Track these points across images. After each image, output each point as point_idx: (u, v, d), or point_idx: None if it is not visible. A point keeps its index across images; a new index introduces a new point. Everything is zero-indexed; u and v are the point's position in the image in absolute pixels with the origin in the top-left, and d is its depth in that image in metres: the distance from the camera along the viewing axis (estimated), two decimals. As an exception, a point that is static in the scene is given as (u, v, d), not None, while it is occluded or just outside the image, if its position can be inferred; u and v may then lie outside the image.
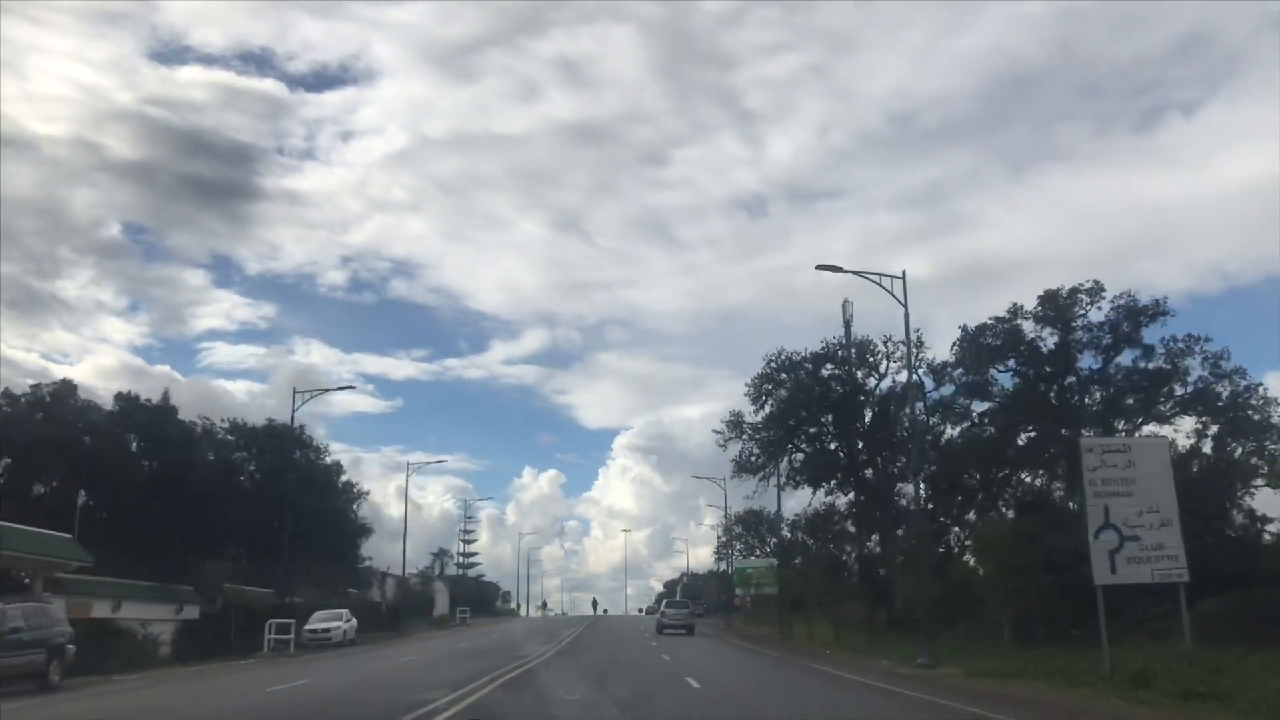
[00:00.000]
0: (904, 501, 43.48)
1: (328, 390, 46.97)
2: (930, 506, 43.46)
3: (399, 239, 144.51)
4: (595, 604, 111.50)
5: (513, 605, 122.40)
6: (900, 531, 42.68)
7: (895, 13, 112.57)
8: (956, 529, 40.53)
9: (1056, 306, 32.29)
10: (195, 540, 44.45)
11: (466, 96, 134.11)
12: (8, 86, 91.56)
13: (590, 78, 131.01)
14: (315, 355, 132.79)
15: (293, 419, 40.98)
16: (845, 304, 40.13)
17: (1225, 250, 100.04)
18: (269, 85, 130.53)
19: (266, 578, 50.59)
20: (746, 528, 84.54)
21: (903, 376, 42.04)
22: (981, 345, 34.49)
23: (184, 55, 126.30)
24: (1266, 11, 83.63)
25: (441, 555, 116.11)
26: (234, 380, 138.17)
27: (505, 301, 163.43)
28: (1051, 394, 33.03)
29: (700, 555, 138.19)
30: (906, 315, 26.45)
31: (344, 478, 59.22)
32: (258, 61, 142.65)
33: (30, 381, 48.26)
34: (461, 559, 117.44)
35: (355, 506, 59.43)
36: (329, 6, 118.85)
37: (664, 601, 67.63)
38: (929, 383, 42.25)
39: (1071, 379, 32.77)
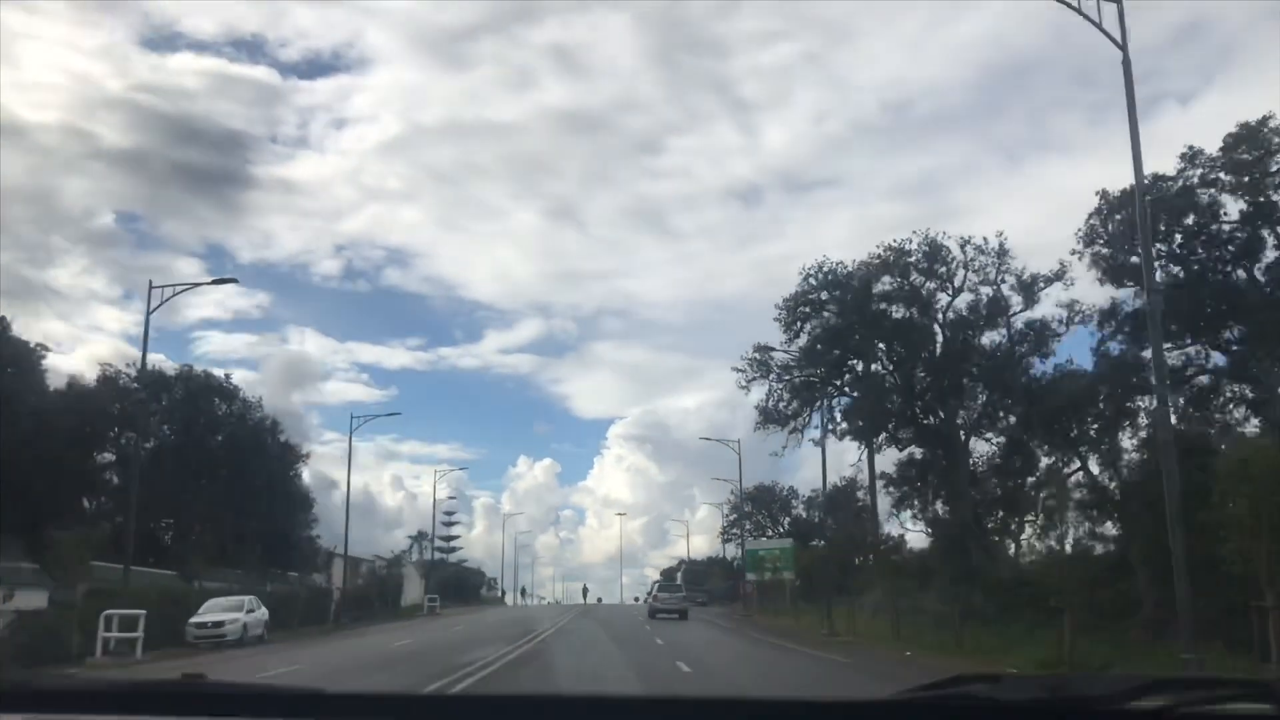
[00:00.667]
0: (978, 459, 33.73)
1: (197, 285, 38.22)
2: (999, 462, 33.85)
3: (393, 228, 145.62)
4: (585, 591, 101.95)
5: (499, 593, 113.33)
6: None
7: (890, 1, 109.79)
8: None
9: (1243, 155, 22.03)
10: (55, 508, 34.26)
11: (460, 84, 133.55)
12: None
13: (585, 65, 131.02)
14: (309, 344, 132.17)
15: (147, 325, 29.55)
16: None
17: None
18: (261, 72, 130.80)
19: (175, 558, 40.73)
20: (758, 505, 74.61)
21: (985, 292, 32.56)
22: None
23: (176, 42, 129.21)
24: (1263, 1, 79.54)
25: (420, 539, 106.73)
26: (228, 369, 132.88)
27: (500, 291, 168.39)
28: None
29: (696, 545, 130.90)
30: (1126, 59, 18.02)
31: (282, 437, 48.89)
32: (250, 48, 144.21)
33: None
34: (443, 543, 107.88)
35: (295, 471, 49.13)
36: None
37: (656, 585, 64.53)
38: (1016, 300, 32.44)
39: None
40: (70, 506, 36.78)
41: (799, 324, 33.89)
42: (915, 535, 42.24)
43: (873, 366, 33.75)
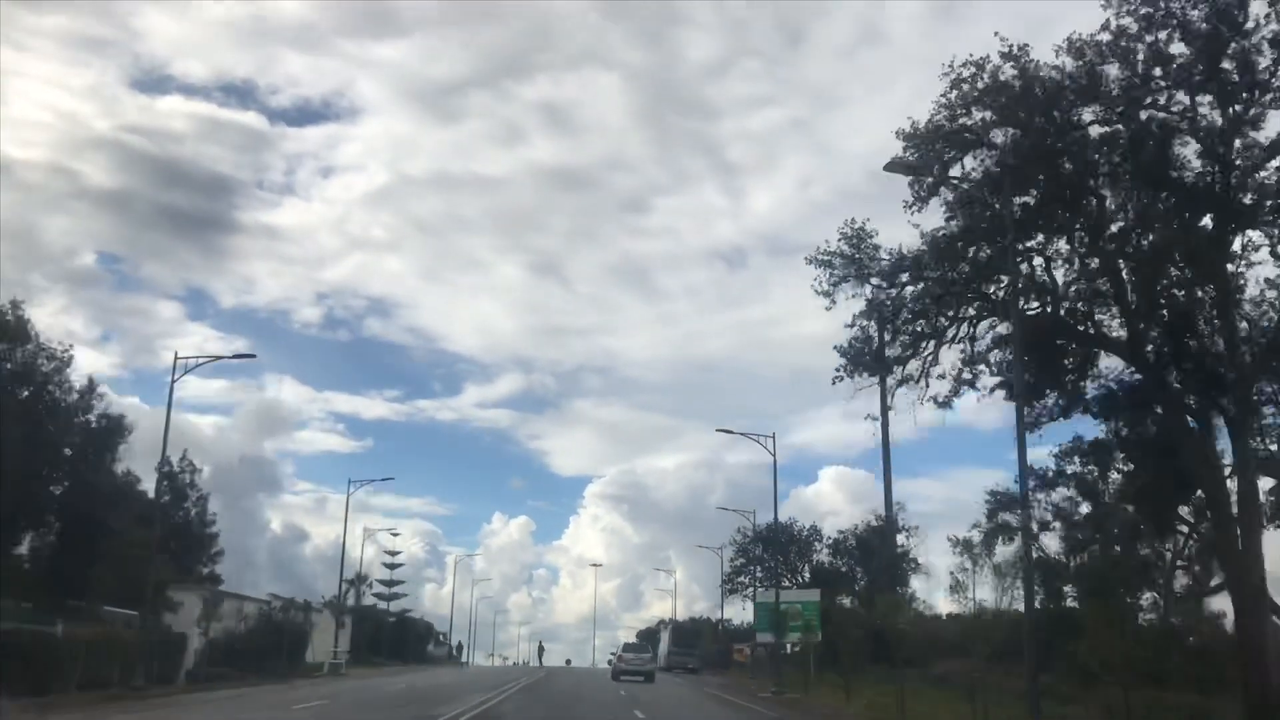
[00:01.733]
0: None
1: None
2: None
3: (376, 277, 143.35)
4: (541, 651, 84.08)
5: (449, 650, 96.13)
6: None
7: (878, 70, 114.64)
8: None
9: None
10: None
11: (449, 137, 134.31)
12: None
13: (573, 123, 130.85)
14: (287, 391, 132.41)
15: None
16: None
17: None
18: (250, 118, 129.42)
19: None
20: (770, 548, 58.89)
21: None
22: None
23: (165, 85, 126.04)
24: None
25: (358, 583, 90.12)
26: (205, 415, 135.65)
27: (481, 344, 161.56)
28: None
29: (668, 609, 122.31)
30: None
31: (99, 407, 32.86)
32: (240, 94, 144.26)
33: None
34: (383, 588, 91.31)
35: (113, 456, 33.12)
36: (313, 41, 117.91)
37: (622, 646, 57.73)
38: None
39: None
40: None
41: (933, 188, 18.86)
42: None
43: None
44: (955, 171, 19.11)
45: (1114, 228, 18.92)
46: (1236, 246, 18.98)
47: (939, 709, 24.87)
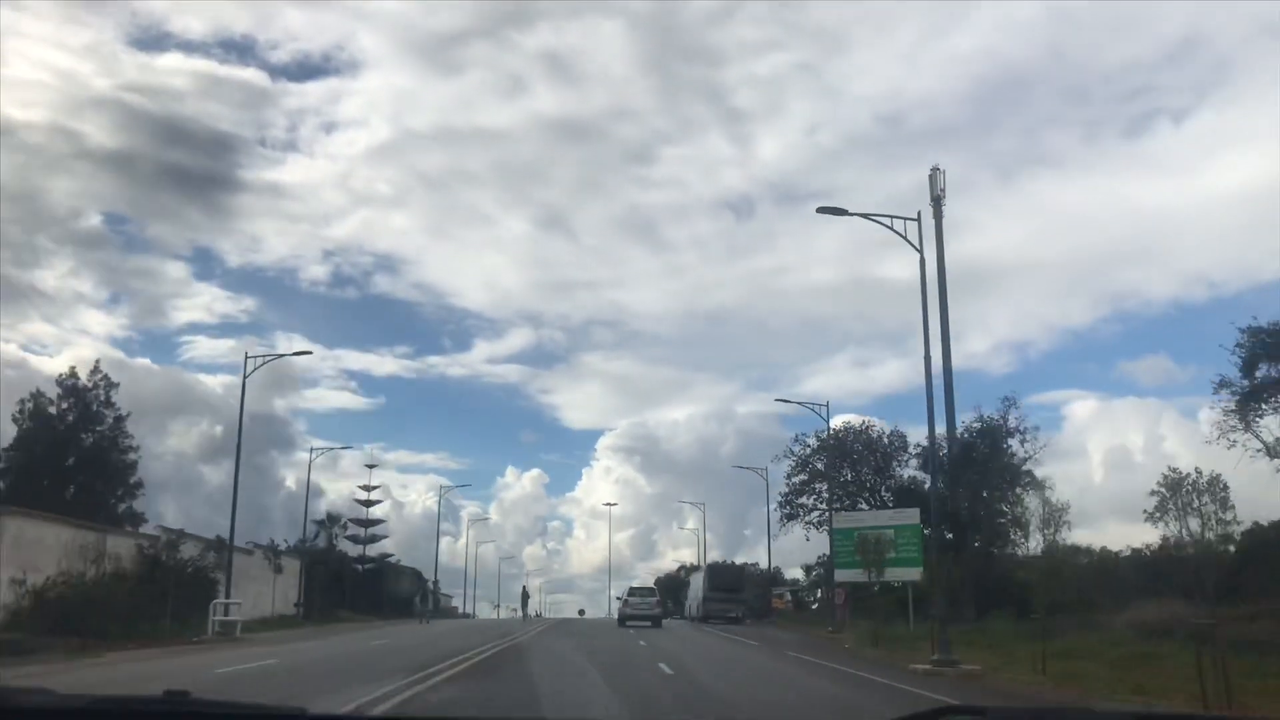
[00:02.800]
0: None
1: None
2: None
3: (382, 234, 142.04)
4: (525, 598, 67.24)
5: (433, 602, 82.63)
6: None
7: (886, 11, 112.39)
8: None
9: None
10: None
11: (451, 90, 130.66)
12: None
13: (577, 72, 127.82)
14: (297, 349, 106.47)
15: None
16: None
17: (1212, 259, 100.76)
18: (251, 74, 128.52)
19: None
20: (845, 458, 43.92)
21: None
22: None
23: (164, 42, 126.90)
24: (1259, 16, 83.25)
25: (330, 524, 76.25)
26: (215, 374, 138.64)
27: (489, 299, 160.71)
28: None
29: (684, 557, 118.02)
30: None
31: None
32: (239, 50, 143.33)
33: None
34: (358, 528, 77.24)
35: None
36: None
37: (628, 590, 51.97)
38: None
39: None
40: None
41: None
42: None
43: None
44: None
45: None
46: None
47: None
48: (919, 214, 23.92)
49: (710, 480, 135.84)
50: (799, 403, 46.09)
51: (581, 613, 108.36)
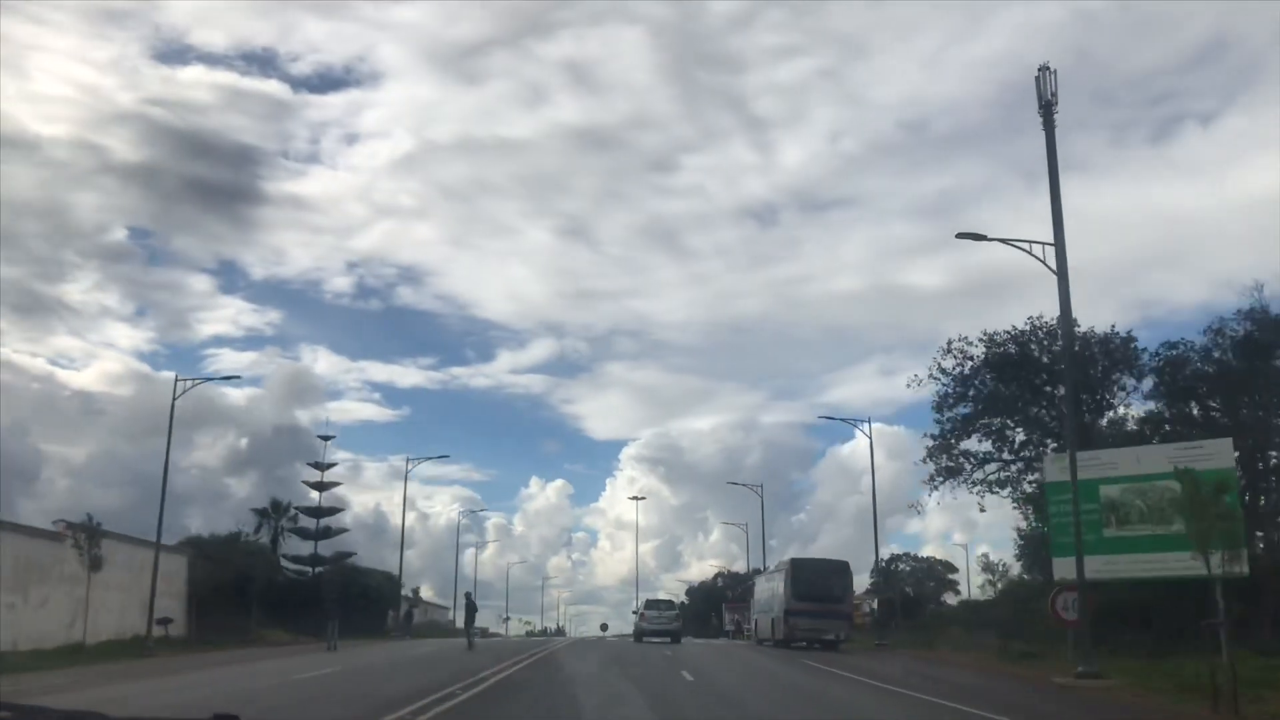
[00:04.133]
0: None
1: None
2: None
3: (405, 245, 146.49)
4: (471, 608, 40.67)
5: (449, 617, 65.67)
6: None
7: (907, 16, 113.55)
8: None
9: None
10: None
11: (472, 100, 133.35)
12: (9, 86, 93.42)
13: (598, 81, 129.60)
14: (322, 362, 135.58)
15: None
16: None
17: (1242, 263, 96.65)
18: (272, 86, 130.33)
19: None
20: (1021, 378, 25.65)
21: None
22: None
23: (186, 55, 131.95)
24: None
25: (277, 513, 58.87)
26: (241, 388, 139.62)
27: (512, 310, 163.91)
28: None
29: (706, 571, 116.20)
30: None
31: None
32: (261, 62, 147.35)
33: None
34: (308, 518, 59.57)
35: None
36: (332, 6, 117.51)
37: (644, 603, 45.54)
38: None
39: None
40: None
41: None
42: None
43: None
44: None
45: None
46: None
47: None
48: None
49: (735, 491, 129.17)
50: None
51: (604, 629, 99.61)
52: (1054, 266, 21.94)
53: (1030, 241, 22.63)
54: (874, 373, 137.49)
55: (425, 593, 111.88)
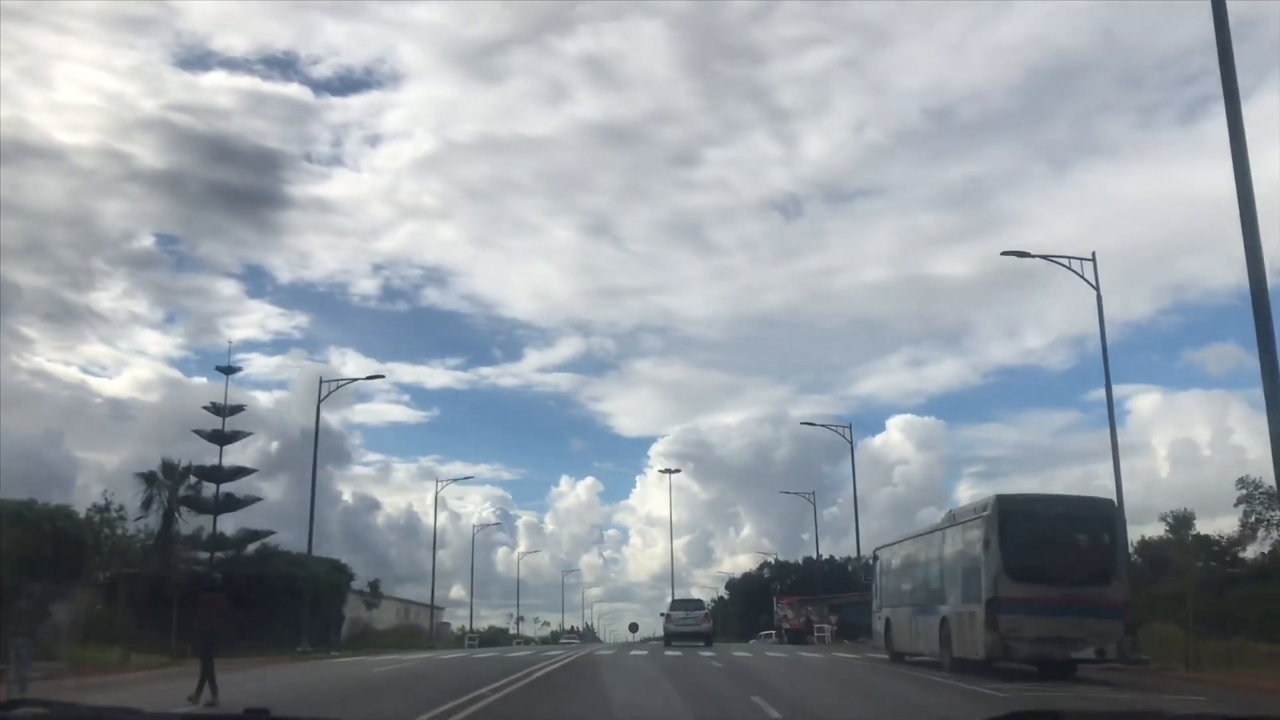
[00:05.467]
0: None
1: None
2: None
3: (430, 246, 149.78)
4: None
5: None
6: None
7: (930, 2, 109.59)
8: None
9: None
10: None
11: (493, 98, 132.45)
12: (33, 96, 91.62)
13: (618, 76, 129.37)
14: (350, 365, 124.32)
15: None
16: None
17: (1276, 245, 62.39)
18: (294, 90, 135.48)
19: None
20: None
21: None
22: None
23: (208, 60, 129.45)
24: None
25: (175, 480, 42.80)
26: (270, 391, 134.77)
27: (538, 309, 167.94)
28: None
29: (740, 564, 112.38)
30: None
31: None
32: (282, 66, 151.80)
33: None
34: (191, 484, 43.09)
35: None
36: (351, 7, 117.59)
37: (670, 603, 43.16)
38: None
39: None
40: None
41: None
42: None
43: None
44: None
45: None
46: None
47: None
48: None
49: (766, 486, 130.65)
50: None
51: (634, 630, 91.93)
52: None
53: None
54: (902, 364, 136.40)
55: (456, 593, 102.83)
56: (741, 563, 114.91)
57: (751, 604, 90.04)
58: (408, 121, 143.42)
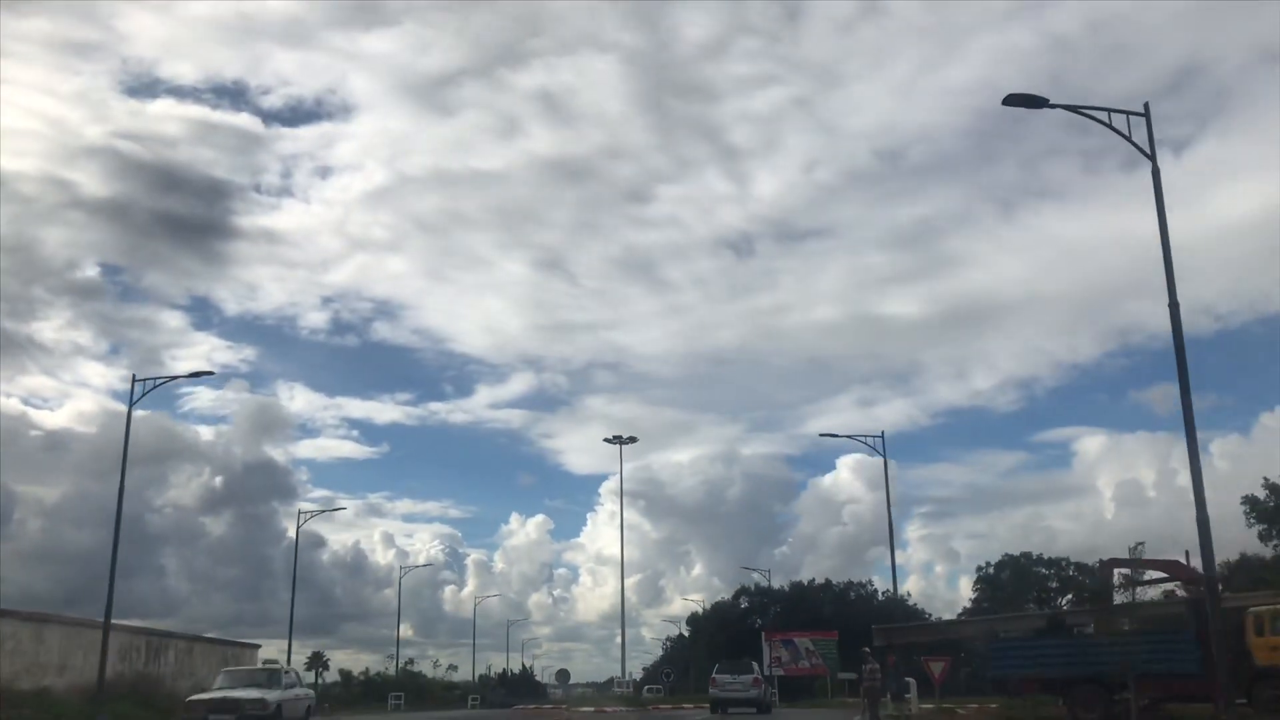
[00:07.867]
0: None
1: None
2: None
3: (380, 279, 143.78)
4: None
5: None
6: None
7: (880, 44, 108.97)
8: None
9: None
10: None
11: (445, 132, 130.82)
12: None
13: (571, 111, 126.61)
14: (299, 399, 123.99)
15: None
16: None
17: (1217, 290, 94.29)
18: (243, 119, 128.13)
19: None
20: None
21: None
22: None
23: (155, 88, 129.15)
24: (1258, 43, 70.79)
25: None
26: (215, 425, 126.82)
27: (489, 344, 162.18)
28: None
29: (688, 608, 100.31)
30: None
31: None
32: (231, 95, 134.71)
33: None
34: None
35: None
36: (302, 37, 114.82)
37: (717, 666, 39.22)
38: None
39: None
40: None
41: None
42: None
43: None
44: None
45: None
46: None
47: None
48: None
49: (716, 524, 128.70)
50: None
51: (564, 677, 77.46)
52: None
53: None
54: (853, 404, 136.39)
55: (405, 631, 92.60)
56: (688, 607, 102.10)
57: (733, 641, 65.87)
58: (359, 153, 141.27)
